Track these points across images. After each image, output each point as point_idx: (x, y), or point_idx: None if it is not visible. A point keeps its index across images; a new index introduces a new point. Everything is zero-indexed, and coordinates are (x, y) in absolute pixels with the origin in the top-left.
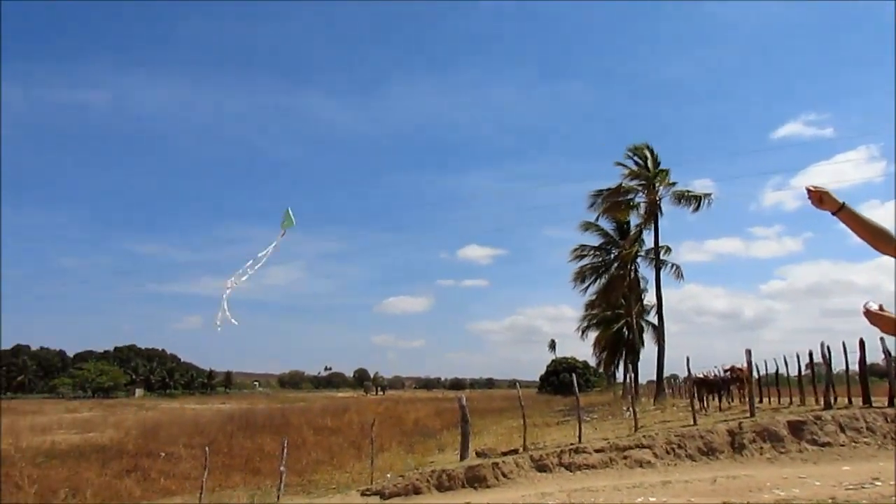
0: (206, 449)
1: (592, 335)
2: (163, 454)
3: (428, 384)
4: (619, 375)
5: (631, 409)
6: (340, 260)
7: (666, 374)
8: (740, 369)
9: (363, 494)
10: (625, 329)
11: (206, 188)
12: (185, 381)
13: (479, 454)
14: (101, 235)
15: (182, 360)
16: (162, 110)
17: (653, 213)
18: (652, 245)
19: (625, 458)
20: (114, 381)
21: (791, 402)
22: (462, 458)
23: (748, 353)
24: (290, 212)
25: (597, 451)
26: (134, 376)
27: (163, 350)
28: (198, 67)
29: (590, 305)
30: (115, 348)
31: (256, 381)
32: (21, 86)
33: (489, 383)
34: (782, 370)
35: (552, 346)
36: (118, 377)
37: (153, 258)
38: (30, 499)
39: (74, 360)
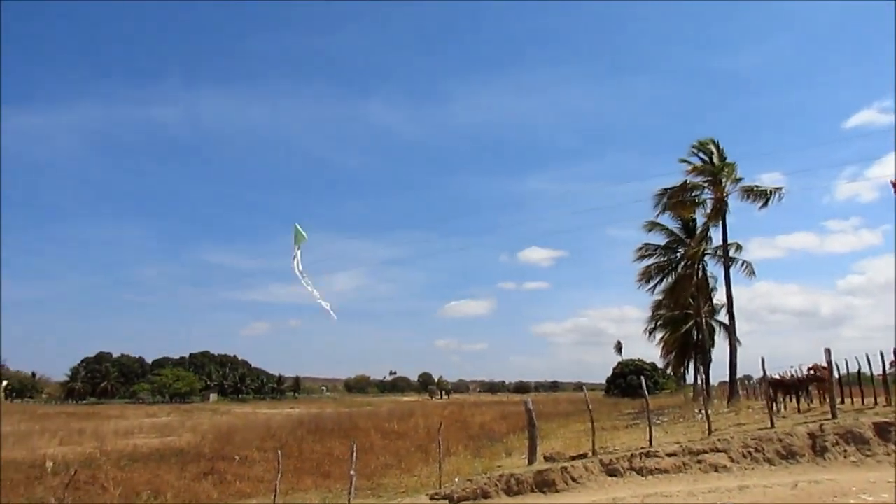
0: (279, 453)
1: (660, 336)
2: (237, 457)
3: (492, 388)
4: (689, 377)
5: (703, 411)
6: (403, 265)
7: (739, 375)
8: (824, 368)
9: (432, 498)
10: (694, 329)
11: (272, 198)
12: (255, 386)
13: (547, 458)
14: (175, 246)
15: (252, 365)
16: (229, 124)
17: (720, 210)
18: (720, 242)
19: (699, 462)
20: (189, 387)
21: (875, 403)
22: (530, 462)
23: (827, 352)
24: (300, 227)
25: (669, 454)
26: (208, 382)
27: (234, 356)
28: (262, 81)
29: (657, 306)
30: (190, 355)
31: (324, 385)
32: (99, 105)
33: (554, 386)
34: (864, 369)
35: (618, 348)
36: (193, 383)
37: (224, 267)
38: (114, 500)
39: (153, 367)
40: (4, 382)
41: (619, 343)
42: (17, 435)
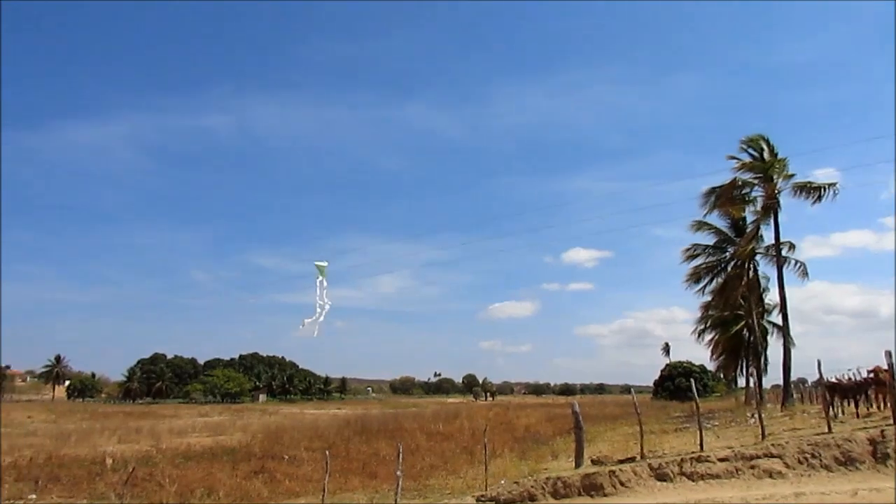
0: (327, 453)
1: (709, 338)
2: (286, 457)
3: (537, 389)
4: (741, 380)
5: (756, 415)
6: (447, 267)
7: (793, 377)
8: (885, 371)
9: (478, 500)
10: (745, 331)
11: (318, 202)
12: (303, 387)
13: (594, 461)
14: (225, 251)
15: (300, 366)
16: (276, 130)
17: (771, 208)
18: (771, 241)
19: (752, 467)
20: (240, 387)
21: None
22: (577, 465)
23: (888, 354)
24: (320, 264)
25: (721, 459)
26: (257, 382)
27: (282, 357)
28: (307, 88)
29: (706, 307)
30: (240, 356)
31: (369, 386)
32: (153, 116)
33: (600, 388)
34: None
35: (666, 349)
36: (243, 383)
37: (272, 271)
38: (170, 497)
39: (205, 368)
40: (67, 382)
41: (666, 345)
42: (80, 432)
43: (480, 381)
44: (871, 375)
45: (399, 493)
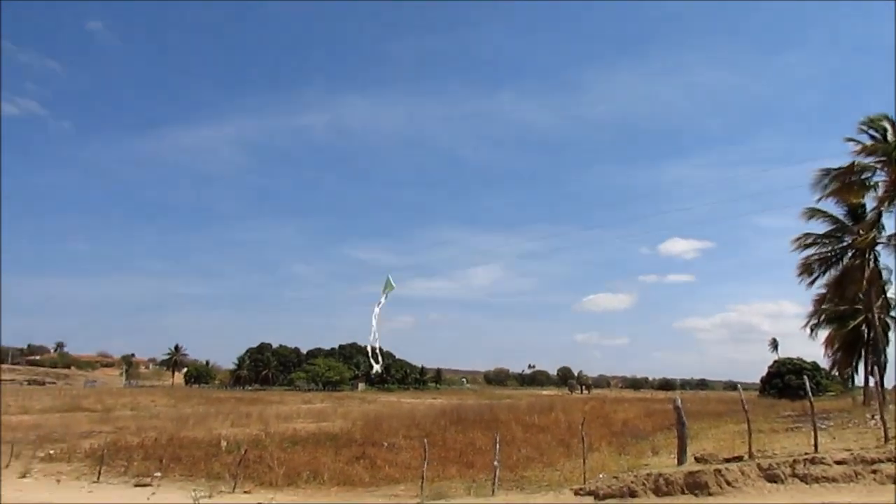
0: (425, 441)
1: (823, 333)
2: (385, 444)
3: (635, 384)
4: (858, 379)
5: (878, 416)
6: (541, 259)
7: None
8: None
9: (577, 494)
10: (864, 326)
11: (412, 196)
12: (399, 377)
13: (698, 459)
14: (325, 244)
15: (397, 356)
16: (370, 126)
17: (894, 193)
18: (894, 230)
19: (873, 472)
20: (340, 376)
21: None
22: (679, 462)
23: None
24: (391, 279)
25: (838, 462)
26: (356, 371)
27: (380, 347)
28: (398, 83)
29: (819, 300)
30: (340, 346)
31: (464, 377)
32: (254, 116)
33: (702, 384)
34: None
35: (774, 345)
36: (343, 372)
37: (369, 263)
38: (279, 479)
39: (307, 357)
40: (184, 369)
41: (774, 340)
42: (197, 416)
43: (575, 374)
44: None
45: (496, 483)
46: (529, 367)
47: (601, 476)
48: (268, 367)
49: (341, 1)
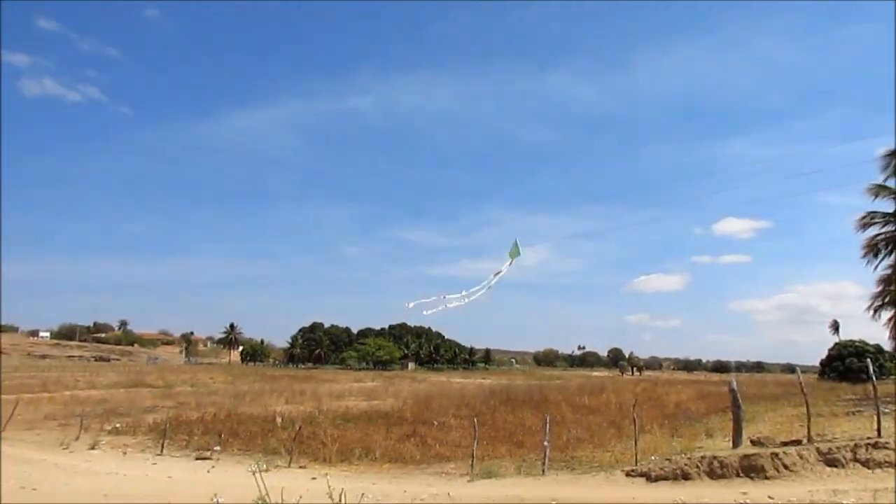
0: (475, 420)
1: (888, 315)
2: (436, 423)
3: (688, 366)
4: None
5: None
6: (591, 239)
7: None
8: None
9: (628, 475)
10: None
11: (461, 176)
12: (449, 357)
13: (754, 442)
14: (375, 226)
15: (446, 337)
16: (419, 108)
17: None
18: None
19: None
20: (390, 355)
21: None
22: (735, 445)
23: None
24: (518, 243)
25: None
26: (406, 351)
27: (429, 328)
28: (447, 64)
29: (884, 281)
30: (390, 326)
31: (513, 358)
32: (304, 100)
33: (758, 367)
34: None
35: (835, 327)
36: (394, 352)
37: (418, 244)
38: (332, 455)
39: (358, 336)
40: (240, 347)
41: (835, 322)
42: (253, 393)
43: (626, 356)
44: None
45: (546, 463)
46: (579, 348)
47: (653, 458)
48: (320, 346)
49: None
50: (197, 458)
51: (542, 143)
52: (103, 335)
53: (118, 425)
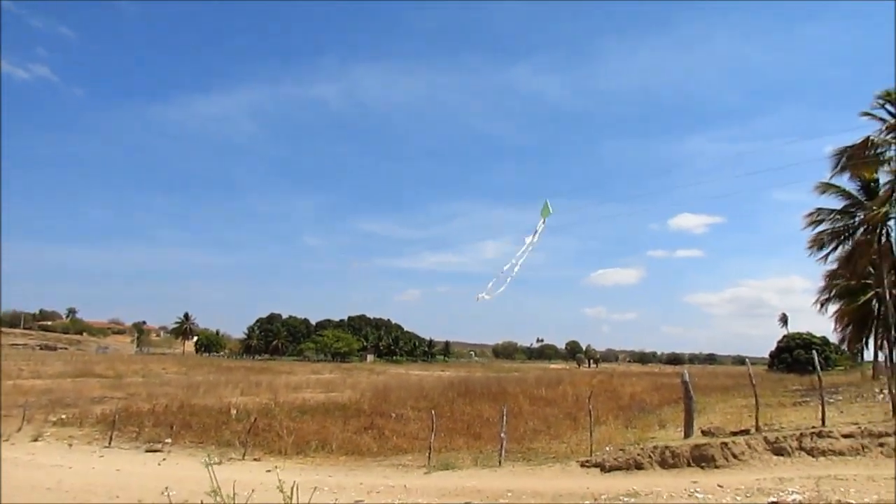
0: (433, 412)
1: (833, 308)
2: (394, 415)
3: (643, 358)
4: (867, 354)
5: (886, 390)
6: (551, 232)
7: None
8: None
9: (583, 466)
10: (874, 301)
11: (426, 168)
12: (408, 349)
13: (704, 433)
14: (337, 217)
15: (405, 329)
16: (385, 98)
17: None
18: None
19: (880, 445)
20: (348, 347)
21: None
22: (686, 435)
23: None
24: (549, 203)
25: (845, 436)
26: (365, 343)
27: (388, 320)
28: (415, 55)
29: (830, 276)
30: (349, 318)
31: (472, 350)
32: (268, 87)
33: (710, 359)
34: None
35: (784, 320)
36: (352, 343)
37: (380, 236)
38: (288, 447)
39: (316, 328)
40: (195, 338)
41: (784, 315)
42: (207, 384)
43: (584, 348)
44: None
45: (503, 455)
46: (538, 340)
47: (607, 448)
48: (277, 338)
49: None
50: (147, 451)
51: (507, 137)
52: (49, 323)
53: (64, 416)
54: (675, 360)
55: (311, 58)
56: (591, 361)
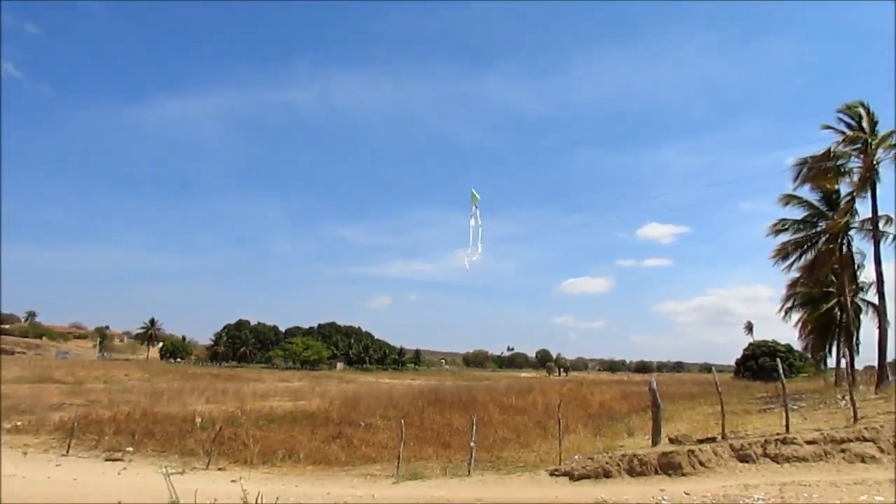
0: (402, 422)
1: (797, 317)
2: (363, 424)
3: (612, 366)
4: (830, 361)
5: (848, 397)
6: (521, 242)
7: (889, 359)
8: None
9: (552, 474)
10: (836, 309)
11: (397, 175)
12: (378, 357)
13: (672, 440)
14: (307, 222)
15: (376, 337)
16: (356, 104)
17: (868, 179)
18: (867, 215)
19: (843, 451)
20: (318, 355)
21: None
22: (654, 443)
23: None
24: (475, 191)
25: (808, 442)
26: (335, 351)
27: (359, 328)
28: (387, 61)
29: (793, 284)
30: (319, 325)
31: (443, 359)
32: (239, 90)
33: (678, 367)
34: None
35: (749, 328)
36: (322, 351)
37: (351, 243)
38: (254, 456)
39: (285, 335)
40: (160, 344)
41: (749, 323)
42: (172, 392)
43: (554, 357)
44: None
45: (472, 464)
46: (508, 349)
47: (576, 457)
48: (245, 345)
49: None
50: (107, 460)
51: (478, 145)
52: (7, 326)
53: (19, 423)
54: (643, 368)
55: (283, 62)
56: (561, 370)
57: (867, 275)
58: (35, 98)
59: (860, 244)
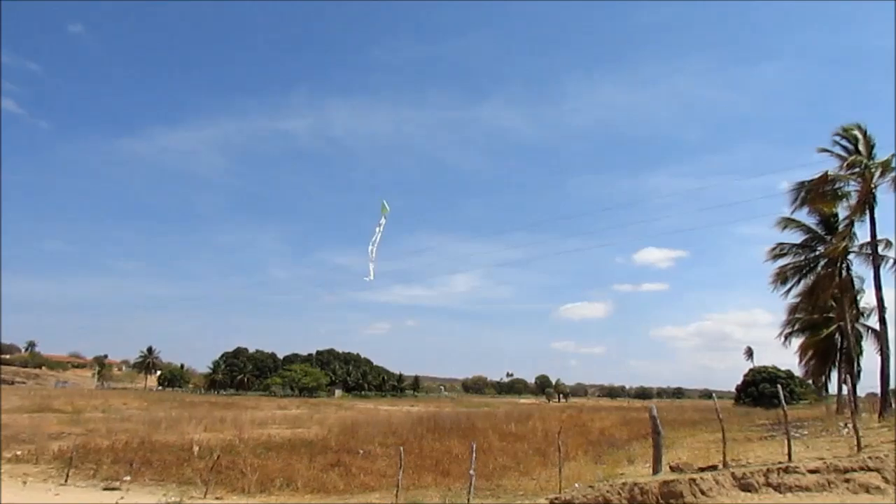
0: (401, 449)
1: (797, 342)
2: (361, 451)
3: (612, 392)
4: (832, 387)
5: (850, 425)
6: (519, 267)
7: (892, 386)
8: None
9: (552, 503)
10: (837, 335)
11: (394, 201)
12: (377, 384)
13: (673, 468)
14: (304, 249)
15: (374, 363)
16: (352, 132)
17: (866, 203)
18: (866, 239)
19: (846, 481)
20: (316, 382)
21: None
22: (655, 471)
23: None
24: (385, 203)
25: (811, 471)
26: (333, 378)
27: (357, 354)
28: (382, 90)
29: (793, 309)
30: (317, 352)
31: (442, 385)
32: (236, 120)
33: (678, 393)
34: None
35: (749, 353)
36: (320, 378)
37: (349, 269)
38: (252, 485)
39: (284, 362)
40: (158, 372)
41: (749, 349)
42: (169, 420)
43: (553, 383)
44: None
45: (472, 492)
46: (507, 375)
47: (576, 486)
48: (243, 372)
49: (328, 2)
50: (105, 489)
51: (473, 171)
52: (7, 356)
53: (19, 453)
54: (643, 394)
55: (280, 92)
56: (561, 396)
57: (867, 300)
58: (36, 133)
59: (859, 269)
